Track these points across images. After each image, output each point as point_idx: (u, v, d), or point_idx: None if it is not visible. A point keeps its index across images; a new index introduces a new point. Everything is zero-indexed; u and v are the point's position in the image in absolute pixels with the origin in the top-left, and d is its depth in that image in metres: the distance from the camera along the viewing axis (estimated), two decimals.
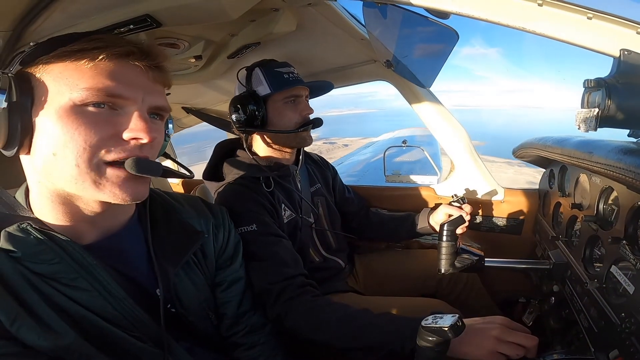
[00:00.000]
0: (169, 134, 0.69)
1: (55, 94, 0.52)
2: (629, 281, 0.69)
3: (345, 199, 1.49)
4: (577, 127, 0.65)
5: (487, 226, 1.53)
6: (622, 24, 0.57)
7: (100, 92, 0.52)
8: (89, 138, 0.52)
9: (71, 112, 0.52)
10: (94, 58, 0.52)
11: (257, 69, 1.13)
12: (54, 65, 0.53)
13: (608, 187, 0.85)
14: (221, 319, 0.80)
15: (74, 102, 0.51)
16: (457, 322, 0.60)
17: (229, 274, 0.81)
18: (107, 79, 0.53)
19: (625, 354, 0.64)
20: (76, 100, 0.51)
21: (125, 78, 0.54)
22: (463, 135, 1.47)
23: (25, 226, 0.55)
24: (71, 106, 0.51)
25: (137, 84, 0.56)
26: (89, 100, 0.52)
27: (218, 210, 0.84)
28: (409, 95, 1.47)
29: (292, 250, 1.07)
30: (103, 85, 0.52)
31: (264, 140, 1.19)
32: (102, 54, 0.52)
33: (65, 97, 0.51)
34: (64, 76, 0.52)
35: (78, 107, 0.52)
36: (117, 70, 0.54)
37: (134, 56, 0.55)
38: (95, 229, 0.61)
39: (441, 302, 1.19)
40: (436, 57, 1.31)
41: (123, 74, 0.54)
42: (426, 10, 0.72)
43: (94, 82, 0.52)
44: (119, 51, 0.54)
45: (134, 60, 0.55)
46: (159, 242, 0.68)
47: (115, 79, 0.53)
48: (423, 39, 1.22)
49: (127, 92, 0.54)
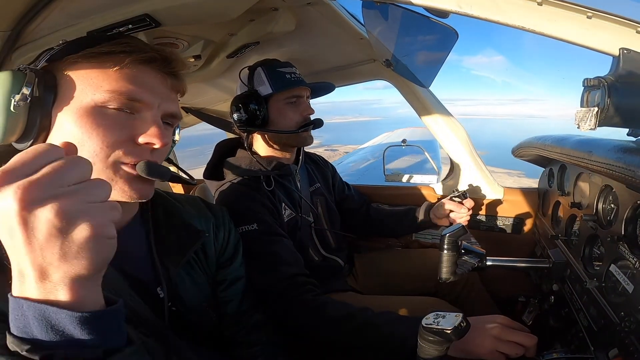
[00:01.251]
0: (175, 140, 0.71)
1: (79, 93, 0.54)
2: (628, 280, 0.69)
3: (345, 197, 1.49)
4: (577, 126, 0.65)
5: (487, 225, 1.53)
6: (621, 23, 0.57)
7: (122, 96, 0.54)
8: (106, 139, 0.53)
9: (91, 112, 0.53)
10: (120, 62, 0.54)
11: (260, 68, 1.13)
12: (81, 65, 0.54)
13: (607, 186, 0.85)
14: (222, 317, 0.80)
15: (96, 102, 0.53)
16: (460, 323, 0.58)
17: (229, 273, 0.82)
18: (131, 83, 0.55)
19: (625, 352, 0.64)
20: (98, 101, 0.53)
21: (147, 84, 0.57)
22: (463, 134, 1.47)
23: None
24: (92, 106, 0.53)
25: (156, 91, 0.58)
26: (110, 103, 0.54)
27: (218, 209, 0.85)
28: (408, 95, 1.47)
29: (293, 249, 1.07)
30: (126, 89, 0.54)
31: (264, 140, 1.19)
32: (127, 59, 0.54)
33: (88, 97, 0.53)
34: (89, 76, 0.54)
35: (99, 108, 0.54)
36: (140, 76, 0.56)
37: (156, 63, 0.58)
38: None
39: (441, 301, 1.19)
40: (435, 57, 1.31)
41: (145, 80, 0.57)
42: (425, 9, 0.72)
43: (118, 85, 0.54)
44: (143, 57, 0.56)
45: (156, 67, 0.58)
46: (160, 242, 0.69)
47: (137, 84, 0.55)
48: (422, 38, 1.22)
49: (147, 98, 0.56)
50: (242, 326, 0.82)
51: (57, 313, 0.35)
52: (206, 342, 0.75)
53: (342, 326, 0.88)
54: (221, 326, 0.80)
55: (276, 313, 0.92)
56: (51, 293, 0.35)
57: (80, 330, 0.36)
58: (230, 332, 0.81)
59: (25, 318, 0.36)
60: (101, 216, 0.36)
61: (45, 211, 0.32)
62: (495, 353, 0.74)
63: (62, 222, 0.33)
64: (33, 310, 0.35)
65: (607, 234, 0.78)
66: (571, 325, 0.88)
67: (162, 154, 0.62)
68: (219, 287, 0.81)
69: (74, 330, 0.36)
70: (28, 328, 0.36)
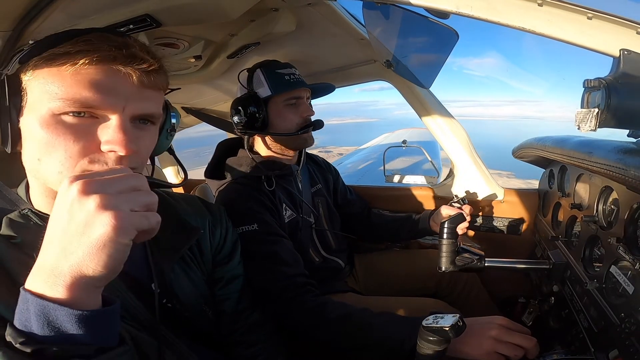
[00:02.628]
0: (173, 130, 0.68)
1: (38, 101, 0.51)
2: (629, 281, 0.69)
3: (347, 201, 1.50)
4: (577, 127, 0.65)
5: (487, 226, 1.53)
6: (622, 23, 0.57)
7: (77, 103, 0.50)
8: (69, 148, 0.51)
9: (50, 122, 0.50)
10: (75, 63, 0.49)
11: (258, 70, 1.13)
12: (41, 69, 0.50)
13: (607, 188, 0.85)
14: (220, 316, 0.80)
15: (53, 111, 0.50)
16: (457, 322, 0.60)
17: (227, 271, 0.82)
18: (85, 88, 0.50)
19: (625, 354, 0.64)
20: (55, 110, 0.50)
21: (106, 86, 0.51)
22: (463, 135, 1.47)
23: (26, 212, 0.56)
24: (50, 116, 0.50)
25: (118, 92, 0.52)
26: (66, 110, 0.50)
27: (216, 208, 0.85)
28: (408, 96, 1.47)
29: (293, 250, 1.07)
30: (80, 96, 0.50)
31: (265, 142, 1.19)
32: (83, 59, 0.49)
33: (44, 106, 0.50)
34: (47, 82, 0.50)
35: (56, 116, 0.50)
36: (97, 78, 0.51)
37: (117, 60, 0.52)
38: None
39: (441, 302, 1.20)
40: (436, 57, 1.31)
41: (103, 82, 0.51)
42: (426, 10, 0.72)
43: (72, 91, 0.50)
44: (101, 56, 0.51)
45: (118, 64, 0.52)
46: (154, 237, 0.69)
47: (93, 88, 0.50)
48: (423, 39, 1.22)
49: (105, 102, 0.51)
50: (240, 325, 0.82)
51: (56, 310, 0.38)
52: (203, 340, 0.75)
53: (341, 327, 0.88)
54: (218, 324, 0.80)
55: (275, 313, 0.92)
56: (55, 289, 0.38)
57: (76, 328, 0.39)
58: (228, 331, 0.81)
59: (28, 312, 0.38)
60: (129, 218, 0.41)
61: (90, 200, 0.39)
62: (494, 355, 0.74)
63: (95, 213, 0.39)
64: (35, 304, 0.38)
65: (608, 235, 0.78)
66: (571, 326, 0.88)
67: (140, 158, 0.58)
68: (216, 285, 0.81)
69: (70, 327, 0.39)
70: (28, 322, 0.38)
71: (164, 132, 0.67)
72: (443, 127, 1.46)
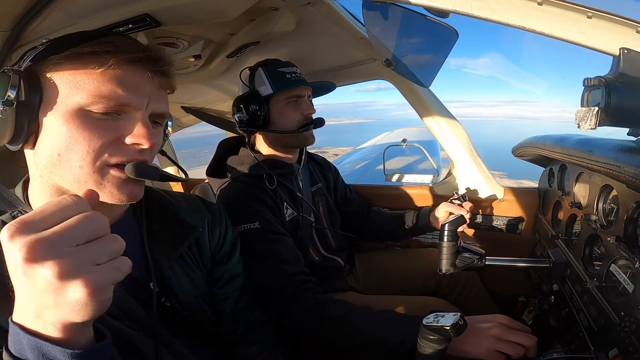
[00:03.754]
0: (167, 134, 0.70)
1: (64, 96, 0.52)
2: (629, 280, 0.69)
3: (347, 200, 1.50)
4: (577, 126, 0.65)
5: (487, 225, 1.53)
6: (621, 22, 0.57)
7: (109, 100, 0.53)
8: (92, 143, 0.53)
9: (77, 115, 0.52)
10: (104, 63, 0.52)
11: (260, 69, 1.13)
12: (64, 66, 0.53)
13: (607, 186, 0.85)
14: (220, 315, 0.80)
15: (81, 106, 0.52)
16: (458, 320, 0.60)
17: (226, 270, 0.82)
18: (116, 86, 0.53)
19: (625, 352, 0.64)
20: (83, 104, 0.52)
21: (133, 85, 0.55)
22: (463, 134, 1.47)
23: (17, 214, 0.57)
24: (78, 109, 0.52)
25: (143, 91, 0.57)
26: (95, 106, 0.53)
27: (215, 207, 0.85)
28: (408, 95, 1.47)
29: (294, 248, 1.07)
30: (112, 93, 0.53)
31: (266, 140, 1.19)
32: (112, 59, 0.53)
33: (73, 100, 0.52)
34: (73, 79, 0.52)
35: (84, 111, 0.53)
36: (126, 77, 0.54)
37: (142, 62, 0.56)
38: None
39: (441, 300, 1.20)
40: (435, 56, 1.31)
41: (131, 81, 0.55)
42: (425, 8, 0.72)
43: (103, 88, 0.52)
44: (128, 57, 0.54)
45: (143, 66, 0.56)
46: (153, 236, 0.69)
47: (123, 87, 0.54)
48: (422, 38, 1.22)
49: (134, 100, 0.55)
50: (240, 324, 0.82)
51: (49, 347, 0.37)
52: (202, 339, 0.75)
53: (341, 326, 0.89)
54: (218, 324, 0.80)
55: (276, 312, 0.92)
56: (45, 329, 0.37)
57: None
58: (228, 330, 0.81)
59: (21, 344, 0.38)
60: (100, 279, 0.37)
61: (44, 269, 0.34)
62: (495, 353, 0.74)
63: (58, 282, 0.34)
64: (28, 340, 0.37)
65: (608, 233, 0.78)
66: (571, 325, 0.88)
67: (153, 153, 0.62)
68: (216, 284, 0.81)
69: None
70: (23, 352, 0.38)
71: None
72: (443, 126, 1.46)
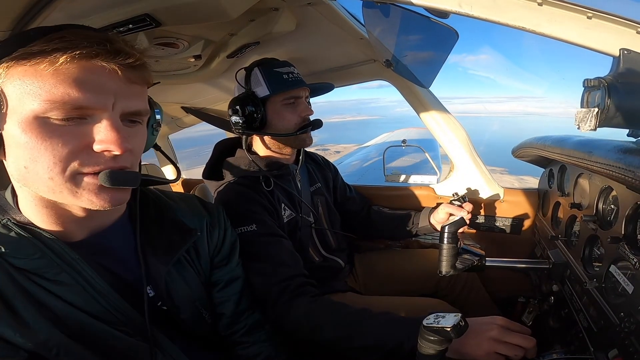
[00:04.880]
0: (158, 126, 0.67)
1: (17, 103, 0.47)
2: (628, 281, 0.69)
3: (347, 198, 1.49)
4: (577, 127, 0.65)
5: (487, 226, 1.53)
6: (622, 23, 0.57)
7: (64, 104, 0.47)
8: (57, 152, 0.48)
9: (34, 125, 0.47)
10: (54, 62, 0.46)
11: (256, 69, 1.12)
12: (14, 70, 0.47)
13: (607, 187, 0.85)
14: (219, 318, 0.80)
15: (36, 114, 0.47)
16: (459, 322, 0.60)
17: (225, 273, 0.81)
18: (71, 87, 0.47)
19: (625, 353, 0.64)
20: (38, 112, 0.47)
21: (92, 84, 0.48)
22: (462, 135, 1.47)
23: (6, 222, 0.55)
24: (34, 118, 0.47)
25: (106, 89, 0.50)
26: (52, 113, 0.47)
27: (214, 208, 0.83)
28: (408, 95, 1.47)
29: (292, 250, 1.06)
30: (66, 97, 0.47)
31: (263, 141, 1.19)
32: (62, 57, 0.46)
33: (26, 107, 0.47)
34: (24, 83, 0.47)
35: (41, 119, 0.47)
36: (82, 76, 0.48)
37: (101, 57, 0.49)
38: (82, 228, 0.61)
39: (441, 301, 1.19)
40: (435, 57, 1.31)
41: (89, 80, 0.48)
42: (426, 9, 0.72)
43: (56, 92, 0.46)
44: (82, 53, 0.47)
45: (102, 61, 0.49)
46: (149, 240, 0.68)
47: (79, 87, 0.47)
48: (422, 39, 1.22)
49: (94, 102, 0.49)
50: (240, 326, 0.81)
51: None
52: (199, 343, 0.75)
53: (339, 328, 0.88)
54: (217, 326, 0.79)
55: (273, 315, 0.92)
56: None
57: None
58: (228, 333, 0.80)
59: None
60: None
61: None
62: (493, 355, 0.74)
63: None
64: None
65: (607, 234, 0.78)
66: (571, 325, 0.88)
67: (133, 156, 0.56)
68: (215, 287, 0.80)
69: None
70: None
71: (150, 128, 0.65)
72: (443, 127, 1.46)
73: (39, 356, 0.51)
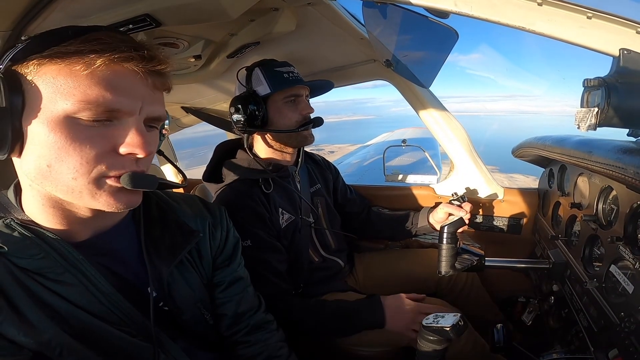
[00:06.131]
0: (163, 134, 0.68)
1: (48, 102, 0.47)
2: (628, 280, 0.69)
3: (347, 200, 1.50)
4: (577, 127, 0.65)
5: (487, 226, 1.53)
6: (621, 23, 0.57)
7: (97, 106, 0.48)
8: (85, 154, 0.49)
9: (64, 124, 0.48)
10: (91, 64, 0.47)
11: (257, 68, 1.13)
12: (47, 68, 0.47)
13: (607, 187, 0.85)
14: (221, 318, 0.80)
15: (68, 114, 0.47)
16: (458, 321, 0.61)
17: (227, 274, 0.81)
18: (105, 89, 0.48)
19: (625, 353, 0.65)
20: (70, 112, 0.47)
21: (124, 88, 0.50)
22: (462, 135, 1.47)
23: (9, 222, 0.54)
24: (64, 117, 0.48)
25: (136, 94, 0.52)
26: (84, 113, 0.48)
27: (216, 208, 0.83)
28: (408, 95, 1.47)
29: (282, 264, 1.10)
30: (101, 99, 0.48)
31: (264, 140, 1.19)
32: (99, 60, 0.47)
33: (58, 106, 0.47)
34: (57, 82, 0.47)
35: (72, 119, 0.48)
36: (116, 79, 0.49)
37: (134, 62, 0.50)
38: (86, 229, 0.61)
39: (441, 301, 1.20)
40: (435, 57, 1.31)
41: (121, 83, 0.50)
42: (426, 9, 0.72)
43: (91, 93, 0.47)
44: (117, 57, 0.48)
45: (134, 65, 0.50)
46: (152, 241, 0.68)
47: (113, 90, 0.49)
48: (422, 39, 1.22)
49: (126, 105, 0.50)
50: (242, 327, 0.81)
51: None
52: (201, 343, 0.75)
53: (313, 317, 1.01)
54: (218, 327, 0.80)
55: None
56: None
57: None
58: (230, 333, 0.80)
59: None
60: None
61: None
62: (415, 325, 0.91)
63: None
64: None
65: (607, 234, 0.78)
66: (571, 325, 0.88)
67: (149, 160, 0.58)
68: (217, 288, 0.80)
69: None
70: None
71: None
72: (443, 127, 1.46)
73: (43, 355, 0.52)
